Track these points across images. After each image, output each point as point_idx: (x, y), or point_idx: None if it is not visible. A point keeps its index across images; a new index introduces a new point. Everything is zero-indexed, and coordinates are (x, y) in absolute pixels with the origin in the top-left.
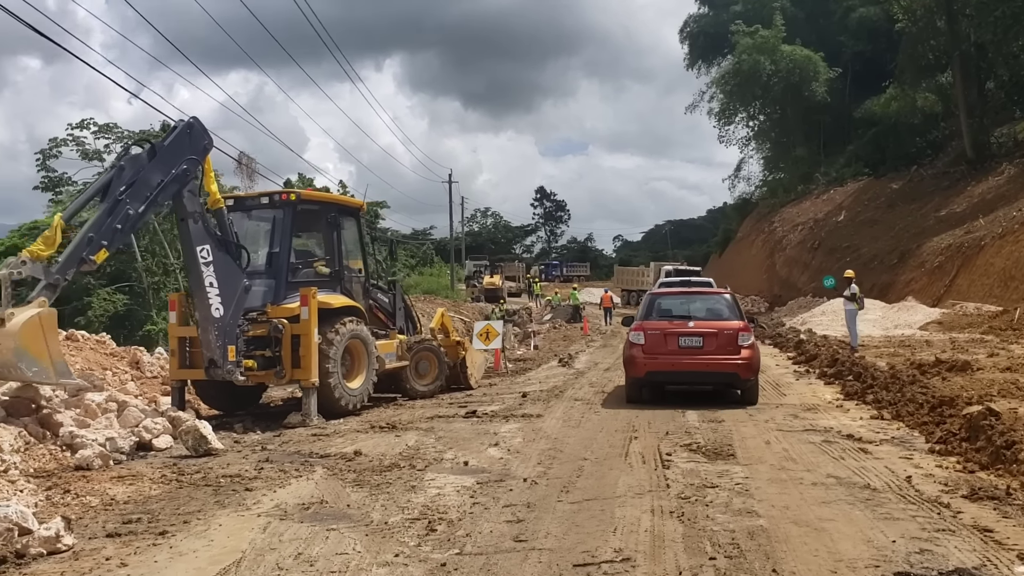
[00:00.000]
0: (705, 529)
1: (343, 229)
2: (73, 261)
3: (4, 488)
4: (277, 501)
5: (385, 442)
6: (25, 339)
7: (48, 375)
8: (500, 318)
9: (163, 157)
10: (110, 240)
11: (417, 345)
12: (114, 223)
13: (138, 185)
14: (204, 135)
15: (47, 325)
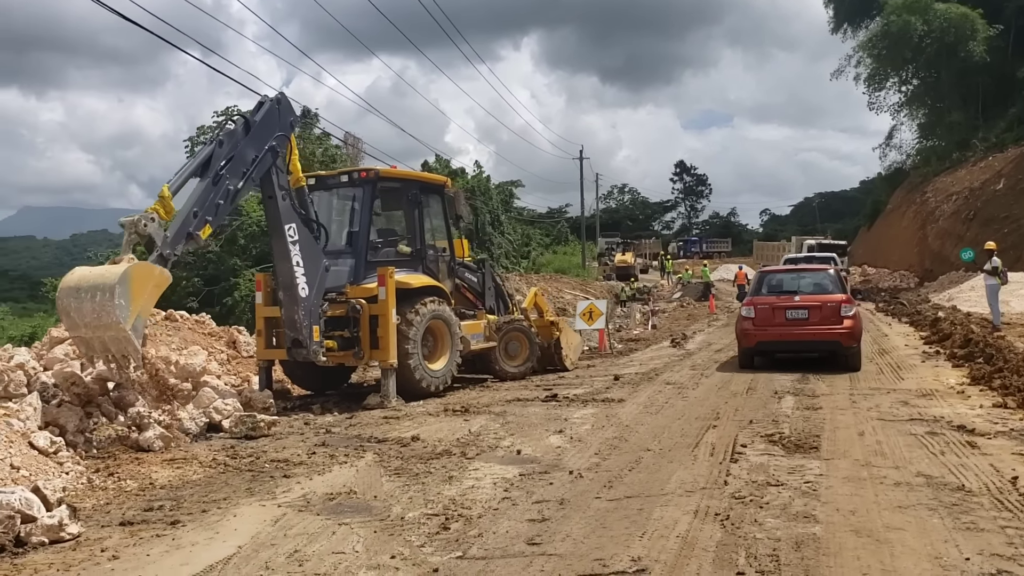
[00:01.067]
0: (746, 536)
1: (426, 207)
2: (180, 236)
3: (50, 469)
4: (307, 490)
5: (448, 427)
6: (137, 276)
7: (126, 318)
8: (630, 297)
9: (256, 132)
10: (214, 216)
11: (507, 325)
12: (216, 198)
13: (236, 160)
14: (291, 111)
15: (158, 282)
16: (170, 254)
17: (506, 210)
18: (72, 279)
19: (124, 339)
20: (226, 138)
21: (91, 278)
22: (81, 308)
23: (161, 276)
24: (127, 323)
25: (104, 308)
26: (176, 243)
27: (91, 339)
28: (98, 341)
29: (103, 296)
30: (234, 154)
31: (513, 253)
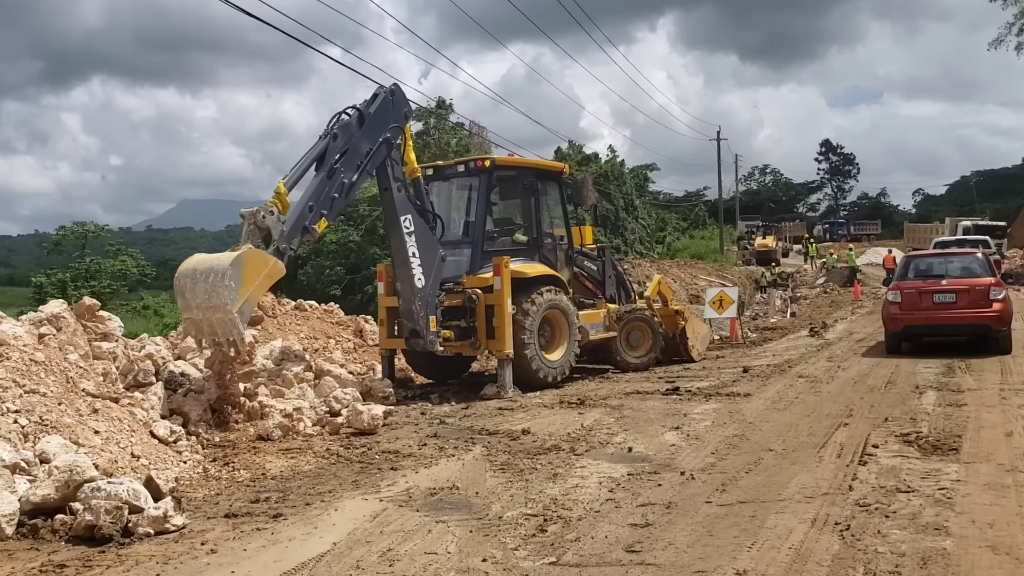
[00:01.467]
0: (867, 550)
1: (543, 195)
2: (297, 230)
3: (168, 458)
4: (411, 484)
5: (561, 420)
6: (250, 263)
7: (234, 301)
8: (770, 283)
9: (371, 124)
10: (329, 209)
11: (628, 315)
12: (331, 192)
13: (350, 153)
14: (405, 102)
15: (270, 272)
16: (286, 248)
17: (640, 194)
18: (190, 262)
19: (230, 322)
20: (340, 131)
21: (208, 261)
22: (195, 289)
23: (275, 267)
24: (234, 306)
25: (215, 290)
26: (292, 237)
27: (200, 321)
28: (207, 323)
29: (215, 278)
30: (348, 147)
31: (647, 238)
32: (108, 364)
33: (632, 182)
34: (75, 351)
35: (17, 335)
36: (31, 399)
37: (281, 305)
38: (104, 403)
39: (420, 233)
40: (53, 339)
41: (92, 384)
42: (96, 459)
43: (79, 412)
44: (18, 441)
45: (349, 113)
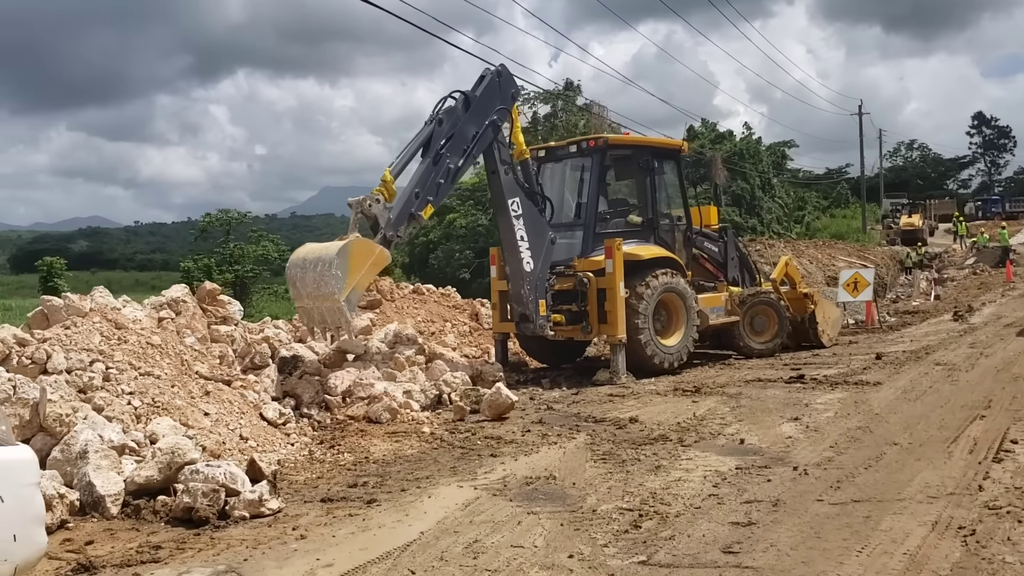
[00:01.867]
0: (993, 559)
1: (659, 174)
2: (403, 218)
3: (276, 441)
4: (508, 472)
5: (673, 409)
6: (357, 252)
7: (340, 290)
8: (916, 263)
9: (476, 107)
10: (435, 195)
11: (751, 298)
12: (437, 178)
13: (456, 138)
14: (512, 83)
15: (377, 260)
16: (393, 235)
17: (778, 172)
18: (300, 252)
19: (337, 310)
20: (446, 116)
21: (316, 251)
22: (304, 278)
23: (381, 255)
24: (341, 295)
25: (323, 279)
26: (398, 224)
27: (311, 309)
28: (316, 311)
29: (323, 267)
30: (454, 132)
31: (784, 218)
32: (225, 347)
33: (769, 160)
34: (192, 334)
35: (137, 319)
36: (145, 381)
37: (399, 289)
38: (216, 385)
39: (528, 216)
40: (171, 323)
41: (206, 367)
42: (204, 441)
43: (191, 394)
44: (131, 422)
45: (455, 97)
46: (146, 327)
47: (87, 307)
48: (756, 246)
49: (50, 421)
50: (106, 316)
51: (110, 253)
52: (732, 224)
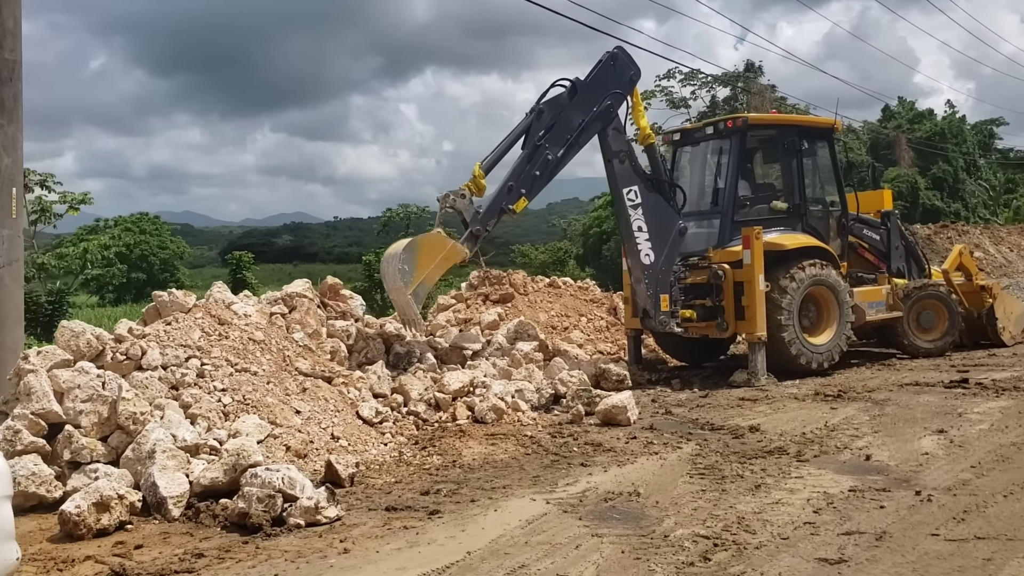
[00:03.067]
0: None
1: (807, 156)
2: (493, 212)
3: (369, 440)
4: (591, 485)
5: (805, 416)
6: (426, 246)
7: (408, 283)
8: None
9: (584, 95)
10: (529, 188)
11: (917, 292)
12: (533, 170)
13: (558, 127)
14: (630, 65)
15: (448, 255)
16: (480, 230)
17: (984, 153)
18: (390, 248)
19: (405, 303)
20: (547, 106)
21: (395, 247)
22: (385, 273)
23: (453, 250)
24: (408, 288)
25: (395, 273)
26: (488, 219)
27: (394, 302)
28: (396, 305)
29: (394, 262)
30: (556, 121)
31: (990, 202)
32: (338, 343)
33: (974, 139)
34: (302, 330)
35: (247, 314)
36: (240, 378)
37: (534, 282)
38: (314, 383)
39: (649, 205)
40: (279, 319)
41: (308, 363)
42: (290, 440)
43: (287, 391)
44: (218, 419)
45: (563, 85)
46: (251, 323)
47: (191, 303)
48: (948, 233)
49: (123, 419)
50: (210, 311)
51: (311, 247)
52: (934, 209)
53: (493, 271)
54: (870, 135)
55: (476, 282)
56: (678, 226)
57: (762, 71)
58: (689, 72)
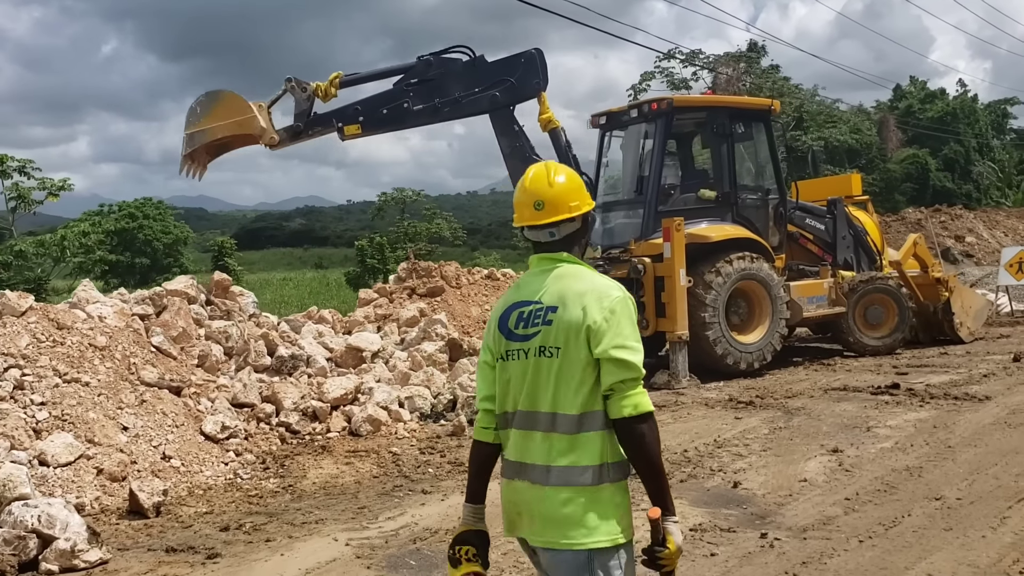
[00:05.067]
0: None
1: (739, 140)
2: (324, 121)
3: (206, 460)
4: (414, 520)
5: (702, 428)
6: (226, 100)
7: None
8: None
9: (477, 73)
10: (369, 120)
11: (864, 285)
12: (382, 107)
13: (432, 86)
14: (536, 72)
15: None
16: (300, 128)
17: (998, 134)
18: None
19: (183, 140)
20: (437, 62)
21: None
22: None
23: (249, 121)
24: (187, 128)
25: (190, 108)
26: (316, 123)
27: None
28: None
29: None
30: (434, 79)
31: (999, 183)
32: (211, 346)
33: (987, 119)
34: (164, 332)
35: (102, 316)
36: (66, 389)
37: (471, 274)
38: (156, 394)
39: None
40: (138, 320)
41: (157, 372)
42: (105, 461)
43: (120, 404)
44: (25, 438)
45: (466, 54)
46: (96, 327)
47: (24, 305)
48: (941, 217)
49: None
50: (47, 315)
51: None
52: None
53: (422, 263)
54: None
55: (404, 274)
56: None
57: (765, 51)
58: (690, 53)
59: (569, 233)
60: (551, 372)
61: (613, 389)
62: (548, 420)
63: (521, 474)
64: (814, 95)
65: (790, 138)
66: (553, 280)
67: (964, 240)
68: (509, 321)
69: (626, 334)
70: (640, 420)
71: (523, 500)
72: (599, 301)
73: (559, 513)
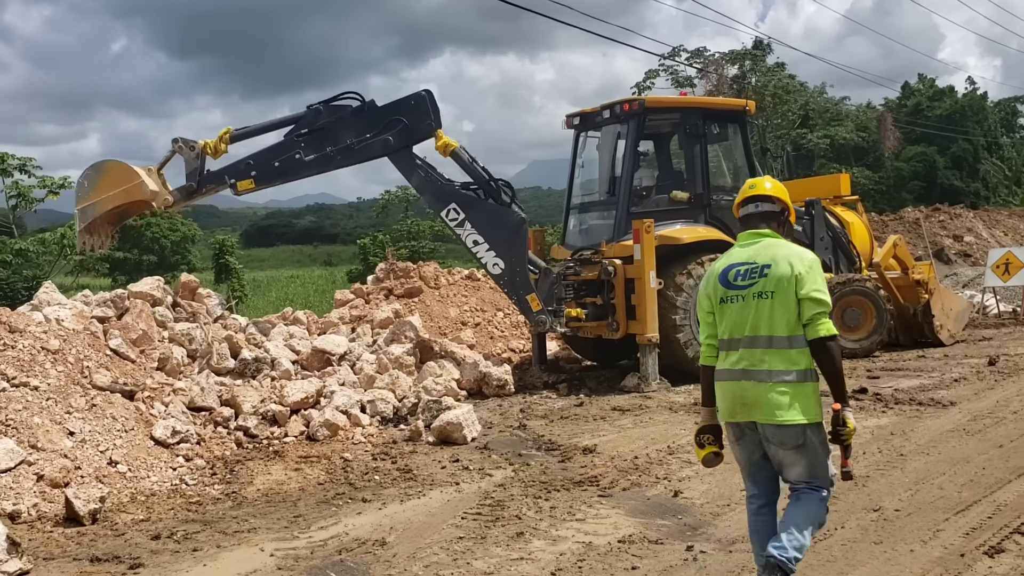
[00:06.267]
0: None
1: (712, 141)
2: (216, 178)
3: (154, 466)
4: (344, 530)
5: (658, 434)
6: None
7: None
8: None
9: (368, 118)
10: (261, 175)
11: (841, 287)
12: (274, 160)
13: (322, 135)
14: (427, 114)
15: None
16: (193, 187)
17: (1008, 131)
18: None
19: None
20: (327, 109)
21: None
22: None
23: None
24: (78, 203)
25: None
26: (208, 180)
27: None
28: None
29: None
30: (324, 128)
31: (1007, 181)
32: (173, 349)
33: (996, 117)
34: (122, 335)
35: (59, 319)
36: (13, 394)
37: (450, 274)
38: (107, 398)
39: (475, 216)
40: (96, 323)
41: (110, 375)
42: (46, 467)
43: (68, 409)
44: None
45: (355, 100)
46: (51, 330)
47: None
48: (940, 217)
49: None
50: (0, 318)
51: (332, 228)
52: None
53: (400, 263)
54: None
55: (382, 275)
56: (514, 220)
57: (771, 49)
58: (695, 51)
59: (767, 211)
60: (768, 309)
61: (811, 319)
62: (767, 340)
63: (748, 377)
64: (821, 92)
65: (796, 135)
66: (762, 248)
67: (963, 239)
68: (728, 276)
69: (819, 282)
70: (830, 339)
71: (749, 395)
72: (801, 260)
73: (778, 401)
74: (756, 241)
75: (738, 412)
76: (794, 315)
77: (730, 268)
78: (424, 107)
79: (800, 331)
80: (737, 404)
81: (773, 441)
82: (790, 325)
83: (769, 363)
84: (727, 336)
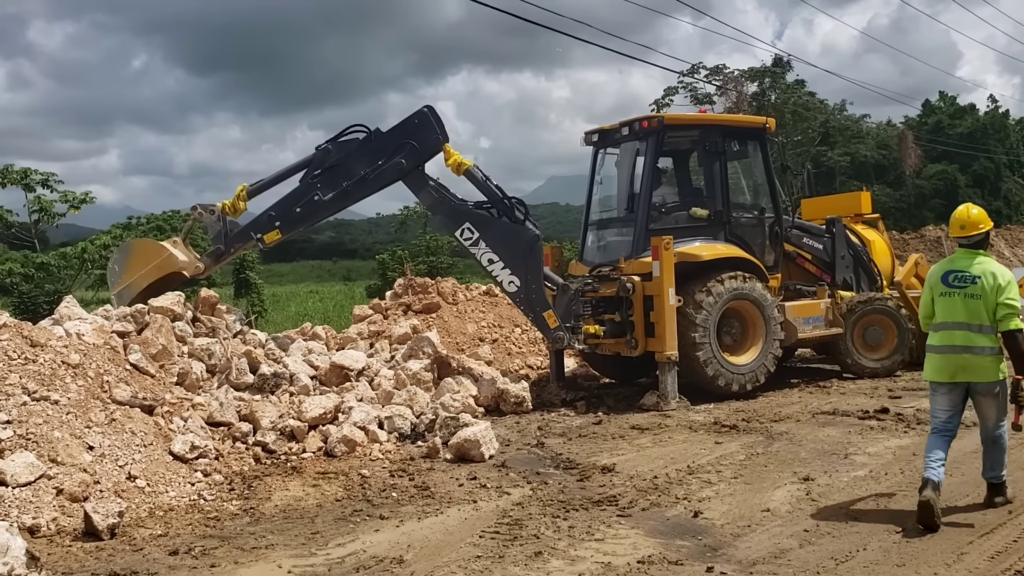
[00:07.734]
0: None
1: (732, 158)
2: (243, 236)
3: (173, 481)
4: (361, 548)
5: (679, 453)
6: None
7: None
8: None
9: (376, 146)
10: (285, 224)
11: (863, 306)
12: (295, 206)
13: (336, 171)
14: (433, 129)
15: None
16: (222, 250)
17: None
18: None
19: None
20: (336, 146)
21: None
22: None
23: (167, 260)
24: (113, 288)
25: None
26: (235, 241)
27: None
28: None
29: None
30: (336, 165)
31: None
32: (192, 364)
33: (1018, 135)
34: (142, 350)
35: (80, 333)
36: (35, 407)
37: (468, 290)
38: (126, 413)
39: (490, 235)
40: (116, 337)
41: (130, 390)
42: (66, 481)
43: (88, 423)
44: None
45: (361, 131)
46: (71, 344)
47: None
48: None
49: None
50: (21, 332)
51: (351, 244)
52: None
53: (418, 279)
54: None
55: (400, 291)
56: (528, 237)
57: (790, 66)
58: (714, 68)
59: (979, 239)
60: (976, 306)
61: (1004, 316)
62: (977, 327)
63: (966, 351)
64: (841, 110)
65: (816, 153)
66: (977, 264)
67: None
68: (948, 278)
69: (1012, 293)
70: (1017, 331)
71: (967, 364)
72: (1002, 276)
73: (984, 366)
74: (972, 257)
75: (958, 374)
76: (992, 311)
77: (950, 272)
78: (428, 123)
79: (995, 322)
80: (958, 369)
81: (981, 392)
82: (990, 318)
83: (980, 342)
84: (940, 320)
